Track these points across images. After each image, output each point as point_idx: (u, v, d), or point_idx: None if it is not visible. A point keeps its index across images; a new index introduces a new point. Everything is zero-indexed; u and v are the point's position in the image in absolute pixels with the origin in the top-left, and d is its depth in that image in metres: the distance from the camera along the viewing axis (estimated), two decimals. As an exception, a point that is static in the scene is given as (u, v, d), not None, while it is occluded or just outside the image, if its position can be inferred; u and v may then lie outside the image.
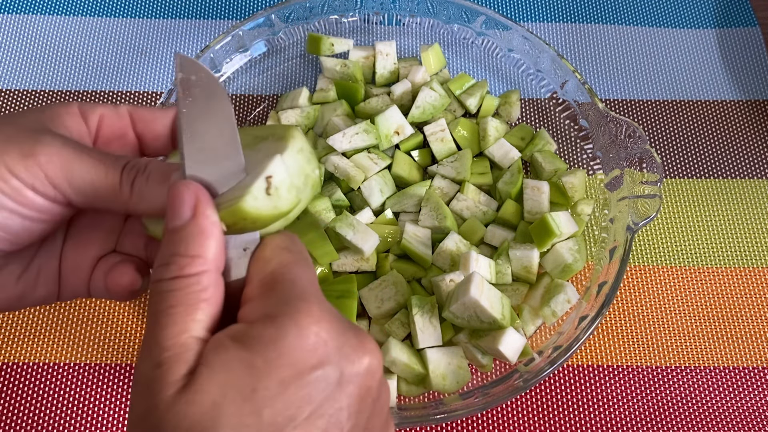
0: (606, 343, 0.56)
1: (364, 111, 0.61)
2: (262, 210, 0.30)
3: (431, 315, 0.51)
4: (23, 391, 0.53)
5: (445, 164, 0.59)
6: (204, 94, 0.34)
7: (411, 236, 0.54)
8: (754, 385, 0.55)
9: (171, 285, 0.28)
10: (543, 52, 0.62)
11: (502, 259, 0.54)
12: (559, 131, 0.64)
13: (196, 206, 0.29)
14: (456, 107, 0.63)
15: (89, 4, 0.70)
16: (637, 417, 0.53)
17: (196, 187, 0.30)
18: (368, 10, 0.66)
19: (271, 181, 0.30)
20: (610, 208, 0.57)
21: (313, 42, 0.64)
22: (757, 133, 0.66)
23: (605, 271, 0.53)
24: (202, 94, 0.33)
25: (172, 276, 0.28)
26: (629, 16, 0.72)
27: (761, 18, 0.72)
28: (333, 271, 0.54)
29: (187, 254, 0.29)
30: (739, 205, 0.62)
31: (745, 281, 0.59)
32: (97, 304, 0.56)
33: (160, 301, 0.28)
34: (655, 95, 0.68)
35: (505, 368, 0.52)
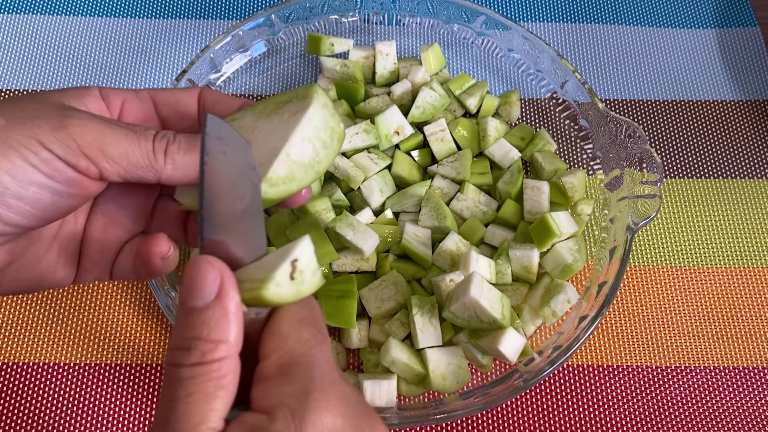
0: (606, 343, 0.56)
1: (364, 111, 0.61)
2: (284, 296, 0.29)
3: (431, 315, 0.51)
4: (23, 391, 0.53)
5: (445, 164, 0.59)
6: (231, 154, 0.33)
7: (411, 236, 0.54)
8: (754, 385, 0.55)
9: (191, 372, 0.27)
10: (543, 52, 0.62)
11: (502, 259, 0.54)
12: (559, 131, 0.64)
13: (221, 287, 0.28)
14: (456, 107, 0.63)
15: (89, 4, 0.70)
16: (637, 417, 0.53)
17: (221, 265, 0.28)
18: (368, 10, 0.66)
19: (296, 265, 0.29)
20: (610, 208, 0.57)
21: (313, 42, 0.64)
22: (757, 133, 0.66)
23: (605, 271, 0.53)
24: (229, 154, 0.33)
25: (193, 362, 0.27)
26: (629, 16, 0.72)
27: (761, 18, 0.72)
28: (333, 271, 0.54)
29: (210, 339, 0.27)
30: (739, 205, 0.62)
31: (745, 281, 0.59)
32: (97, 304, 0.56)
33: (178, 388, 0.27)
34: (655, 95, 0.68)
35: (505, 368, 0.52)
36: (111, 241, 0.37)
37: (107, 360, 0.54)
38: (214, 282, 0.28)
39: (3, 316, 0.55)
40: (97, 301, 0.56)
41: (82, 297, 0.56)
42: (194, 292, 0.27)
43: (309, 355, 0.28)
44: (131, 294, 0.57)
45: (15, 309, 0.56)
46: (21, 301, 0.56)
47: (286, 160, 0.35)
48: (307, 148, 0.36)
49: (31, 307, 0.56)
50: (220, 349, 0.27)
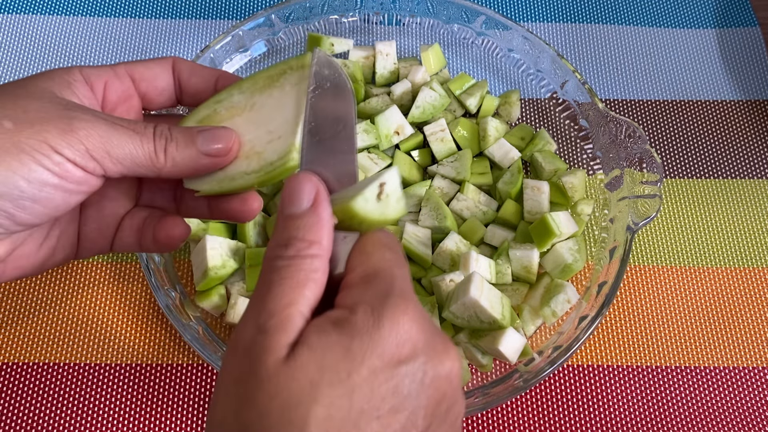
0: (606, 343, 0.56)
1: (364, 111, 0.61)
2: (370, 213, 0.32)
3: (431, 315, 0.51)
4: (23, 391, 0.53)
5: (445, 164, 0.59)
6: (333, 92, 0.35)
7: (411, 236, 0.54)
8: (754, 385, 0.55)
9: (287, 262, 0.30)
10: (543, 52, 0.62)
11: (502, 259, 0.54)
12: (559, 131, 0.64)
13: (316, 197, 0.31)
14: (456, 107, 0.63)
15: (89, 4, 0.70)
16: (637, 417, 0.53)
17: (317, 180, 0.31)
18: (368, 10, 0.66)
19: (383, 188, 0.32)
20: (610, 208, 0.57)
21: (313, 42, 0.64)
22: (757, 133, 0.66)
23: (605, 271, 0.53)
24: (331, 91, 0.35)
25: (290, 255, 0.30)
26: (629, 16, 0.72)
27: (761, 18, 0.72)
28: (333, 271, 0.54)
29: (305, 239, 0.30)
30: (739, 205, 0.62)
31: (745, 281, 0.59)
32: (97, 304, 0.56)
33: (274, 272, 0.29)
34: (655, 95, 0.68)
35: (505, 368, 0.52)
36: (108, 219, 0.39)
37: (107, 360, 0.54)
38: (310, 192, 0.31)
39: (3, 316, 0.55)
40: (97, 301, 0.56)
41: (83, 297, 0.56)
42: (293, 201, 0.31)
43: (391, 269, 0.30)
44: (131, 294, 0.57)
45: (15, 309, 0.56)
46: (21, 301, 0.56)
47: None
48: None
49: (31, 307, 0.56)
50: (313, 247, 0.30)
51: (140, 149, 0.34)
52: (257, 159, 0.36)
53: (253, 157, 0.36)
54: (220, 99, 0.38)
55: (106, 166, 0.34)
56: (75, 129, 0.32)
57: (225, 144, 0.36)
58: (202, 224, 0.55)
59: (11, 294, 0.56)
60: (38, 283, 0.57)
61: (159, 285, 0.50)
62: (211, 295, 0.53)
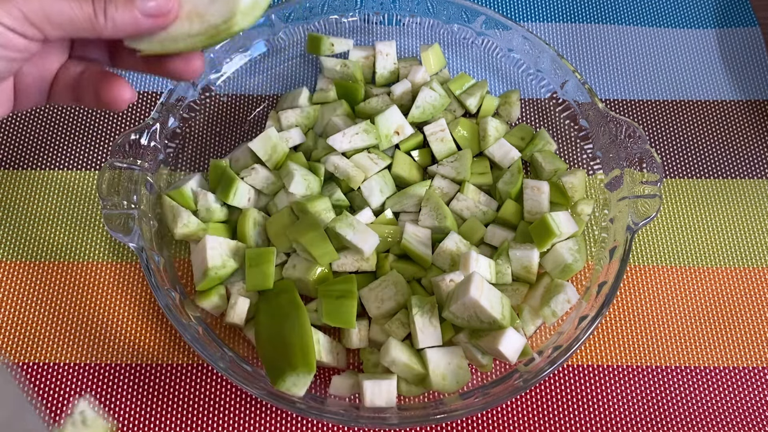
0: (606, 343, 0.56)
1: (364, 111, 0.61)
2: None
3: (431, 315, 0.51)
4: (23, 391, 0.53)
5: (445, 164, 0.59)
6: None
7: (411, 236, 0.54)
8: (754, 385, 0.55)
9: None
10: (543, 52, 0.62)
11: (502, 259, 0.54)
12: (559, 131, 0.64)
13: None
14: (456, 107, 0.63)
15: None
16: (637, 417, 0.53)
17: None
18: (368, 10, 0.66)
19: None
20: (610, 208, 0.57)
21: (313, 42, 0.64)
22: (757, 133, 0.66)
23: (605, 271, 0.53)
24: None
25: None
26: (629, 16, 0.72)
27: (761, 18, 0.72)
28: (333, 271, 0.54)
29: None
30: (739, 205, 0.62)
31: (745, 281, 0.59)
32: (97, 304, 0.56)
33: None
34: (655, 95, 0.68)
35: (505, 368, 0.52)
36: (43, 72, 0.40)
37: (107, 360, 0.54)
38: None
39: (3, 316, 0.56)
40: (97, 301, 0.56)
41: (83, 297, 0.56)
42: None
43: None
44: (131, 294, 0.57)
45: (15, 309, 0.56)
46: (21, 301, 0.56)
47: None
48: None
49: (31, 307, 0.56)
50: None
51: (79, 12, 0.34)
52: (200, 21, 0.36)
53: (195, 19, 0.36)
54: None
55: (46, 31, 0.34)
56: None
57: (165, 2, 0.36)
58: (202, 224, 0.55)
59: (11, 294, 0.56)
60: (38, 283, 0.57)
61: (159, 285, 0.50)
62: (211, 295, 0.53)
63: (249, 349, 0.54)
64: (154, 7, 0.35)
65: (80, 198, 0.61)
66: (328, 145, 0.57)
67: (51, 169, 0.62)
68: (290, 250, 0.54)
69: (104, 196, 0.52)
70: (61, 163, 0.62)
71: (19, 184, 0.61)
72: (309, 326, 0.49)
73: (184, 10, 0.36)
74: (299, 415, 0.51)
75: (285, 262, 0.55)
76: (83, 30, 0.35)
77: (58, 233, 0.59)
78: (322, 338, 0.51)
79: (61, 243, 0.59)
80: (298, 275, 0.53)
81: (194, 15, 0.36)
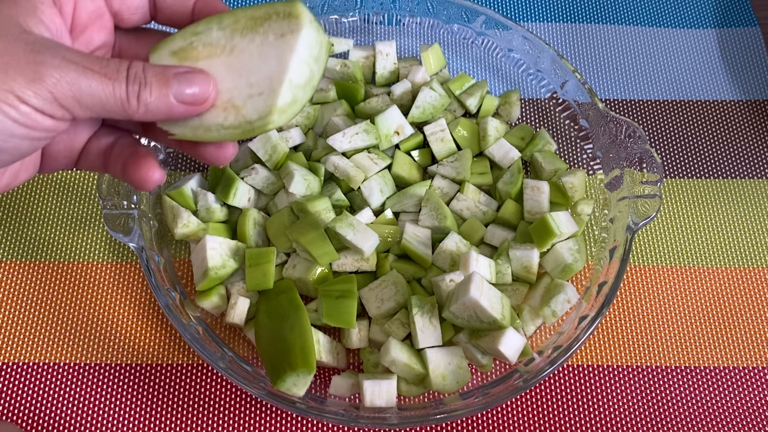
0: (606, 343, 0.56)
1: (364, 111, 0.61)
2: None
3: (431, 315, 0.51)
4: (23, 391, 0.53)
5: (445, 164, 0.59)
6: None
7: (411, 236, 0.54)
8: (754, 385, 0.55)
9: None
10: (543, 52, 0.62)
11: (502, 259, 0.54)
12: (559, 131, 0.64)
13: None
14: (456, 107, 0.63)
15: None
16: (637, 417, 0.53)
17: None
18: (368, 10, 0.66)
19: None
20: (610, 208, 0.57)
21: (313, 42, 0.64)
22: (757, 133, 0.66)
23: (605, 271, 0.53)
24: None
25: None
26: (629, 16, 0.72)
27: (761, 18, 0.72)
28: (333, 271, 0.54)
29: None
30: (739, 205, 0.62)
31: (745, 281, 0.59)
32: (97, 304, 0.56)
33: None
34: (655, 95, 0.68)
35: (505, 368, 0.52)
36: (74, 142, 0.38)
37: (107, 360, 0.54)
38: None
39: (3, 316, 0.56)
40: (97, 301, 0.56)
41: (82, 297, 0.56)
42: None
43: None
44: (131, 294, 0.57)
45: (15, 309, 0.56)
46: (21, 301, 0.56)
47: (289, 87, 0.35)
48: (304, 69, 0.35)
49: (31, 307, 0.56)
50: None
51: (111, 96, 0.33)
52: (235, 114, 0.35)
53: (231, 111, 0.35)
54: (198, 31, 0.36)
55: (75, 112, 0.33)
56: (43, 77, 0.31)
57: (202, 91, 0.35)
58: (202, 224, 0.55)
59: (11, 294, 0.56)
60: (38, 283, 0.57)
61: (159, 285, 0.50)
62: (211, 295, 0.53)
63: (249, 349, 0.54)
64: (189, 96, 0.34)
65: (80, 198, 0.61)
66: (328, 145, 0.57)
67: (51, 169, 0.62)
68: (290, 250, 0.54)
69: (104, 196, 0.52)
70: (61, 163, 0.62)
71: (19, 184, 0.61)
72: (309, 326, 0.49)
73: (221, 101, 0.35)
74: (299, 415, 0.51)
75: (285, 262, 0.55)
76: (114, 113, 0.33)
77: (58, 233, 0.59)
78: (322, 338, 0.51)
79: (61, 243, 0.59)
80: (298, 275, 0.53)
81: (230, 107, 0.35)
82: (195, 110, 0.35)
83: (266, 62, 0.35)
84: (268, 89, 0.34)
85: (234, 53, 0.35)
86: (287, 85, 0.34)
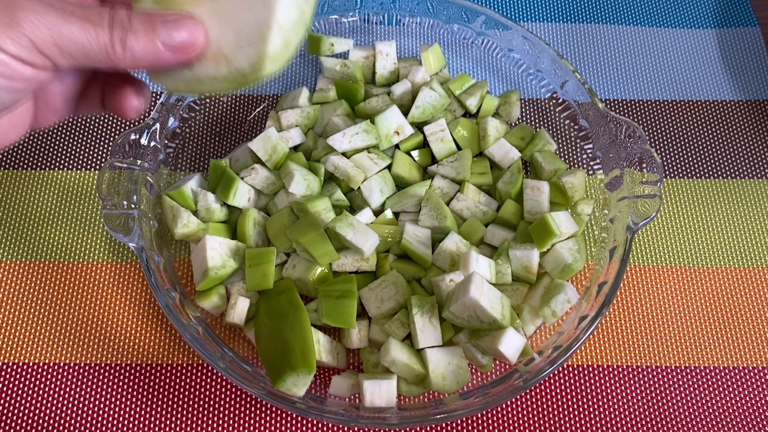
0: (606, 343, 0.56)
1: (364, 111, 0.61)
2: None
3: (431, 315, 0.51)
4: (23, 391, 0.53)
5: (445, 164, 0.59)
6: None
7: (411, 236, 0.54)
8: (754, 385, 0.55)
9: None
10: (543, 52, 0.62)
11: (502, 259, 0.54)
12: (559, 131, 0.64)
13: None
14: (456, 107, 0.63)
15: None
16: (637, 417, 0.53)
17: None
18: (368, 10, 0.66)
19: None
20: (610, 208, 0.57)
21: (313, 42, 0.64)
22: (757, 133, 0.66)
23: (605, 271, 0.53)
24: None
25: None
26: (629, 16, 0.72)
27: (761, 18, 0.72)
28: (333, 271, 0.54)
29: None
30: (739, 205, 0.62)
31: (745, 281, 0.59)
32: (97, 304, 0.56)
33: None
34: (655, 95, 0.68)
35: (505, 368, 0.52)
36: (70, 89, 0.37)
37: (107, 360, 0.54)
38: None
39: (3, 316, 0.56)
40: (97, 301, 0.56)
41: (82, 297, 0.56)
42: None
43: None
44: (131, 294, 0.57)
45: (15, 309, 0.56)
46: (21, 301, 0.56)
47: (279, 31, 0.33)
48: (293, 9, 0.33)
49: (31, 307, 0.56)
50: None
51: (95, 42, 0.31)
52: (226, 64, 0.34)
53: (222, 62, 0.34)
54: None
55: (57, 60, 0.31)
56: (20, 21, 0.29)
57: (190, 36, 0.33)
58: (202, 224, 0.55)
59: (11, 294, 0.56)
60: (38, 283, 0.57)
61: (159, 285, 0.50)
62: (211, 295, 0.53)
63: (249, 349, 0.54)
64: (178, 42, 0.32)
65: (80, 198, 0.61)
66: (328, 145, 0.57)
67: (51, 169, 0.62)
68: (290, 250, 0.54)
69: (104, 196, 0.52)
70: (61, 163, 0.62)
71: (19, 184, 0.61)
72: (309, 326, 0.49)
73: (210, 51, 0.34)
74: (299, 415, 0.51)
75: (285, 262, 0.55)
76: (97, 60, 0.32)
77: (58, 233, 0.59)
78: (322, 338, 0.51)
79: (61, 243, 0.59)
80: (298, 275, 0.53)
81: (221, 57, 0.34)
82: (183, 57, 0.33)
83: (252, 7, 0.33)
84: (257, 36, 0.33)
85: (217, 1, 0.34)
86: (276, 30, 0.33)
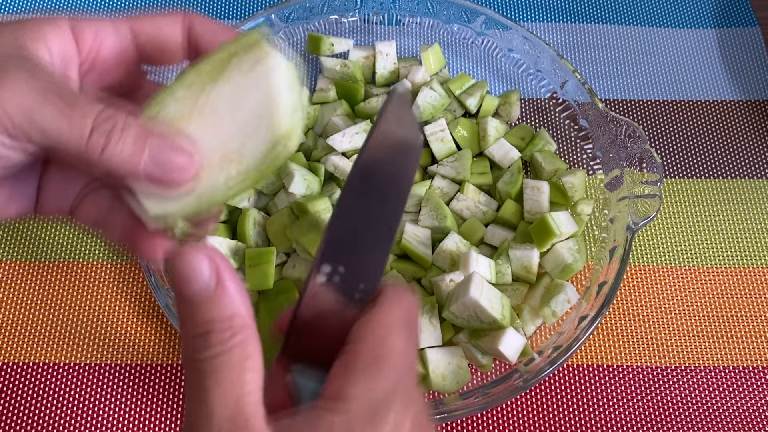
0: (606, 343, 0.56)
1: (364, 111, 0.61)
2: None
3: (431, 315, 0.51)
4: (23, 391, 0.53)
5: (445, 164, 0.59)
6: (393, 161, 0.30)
7: (411, 236, 0.54)
8: (754, 385, 0.55)
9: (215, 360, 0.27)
10: (543, 52, 0.62)
11: (502, 259, 0.54)
12: (559, 131, 0.64)
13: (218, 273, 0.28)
14: (456, 107, 0.63)
15: (89, 5, 0.70)
16: (637, 417, 0.53)
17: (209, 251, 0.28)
18: (368, 10, 0.66)
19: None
20: (610, 208, 0.57)
21: (313, 42, 0.64)
22: (757, 133, 0.66)
23: (605, 271, 0.53)
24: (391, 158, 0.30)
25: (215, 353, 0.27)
26: (629, 16, 0.72)
27: (761, 18, 0.72)
28: (333, 271, 0.54)
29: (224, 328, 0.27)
30: (739, 205, 0.62)
31: (745, 281, 0.59)
32: (97, 304, 0.56)
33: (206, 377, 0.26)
34: (655, 95, 0.68)
35: (505, 368, 0.52)
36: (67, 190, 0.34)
37: (107, 360, 0.54)
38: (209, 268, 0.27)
39: (3, 316, 0.55)
40: (97, 301, 0.56)
41: (83, 297, 0.56)
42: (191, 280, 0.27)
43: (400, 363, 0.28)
44: (131, 294, 0.57)
45: (15, 309, 0.56)
46: (21, 301, 0.56)
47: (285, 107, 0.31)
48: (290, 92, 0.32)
49: (31, 307, 0.56)
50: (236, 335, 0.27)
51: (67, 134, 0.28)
52: (237, 162, 0.31)
53: (231, 164, 0.31)
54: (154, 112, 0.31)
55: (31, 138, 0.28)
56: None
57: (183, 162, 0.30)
58: (202, 224, 0.55)
59: (11, 294, 0.56)
60: (38, 283, 0.57)
61: (159, 285, 0.50)
62: (211, 295, 0.53)
63: (249, 349, 0.54)
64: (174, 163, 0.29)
65: (80, 198, 0.61)
66: (328, 145, 0.57)
67: (51, 169, 0.62)
68: (290, 250, 0.54)
69: (104, 196, 0.52)
70: (61, 163, 0.62)
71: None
72: (309, 326, 0.49)
73: (212, 163, 0.31)
74: (299, 415, 0.51)
75: (285, 262, 0.55)
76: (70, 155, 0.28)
77: (58, 233, 0.59)
78: (322, 338, 0.51)
79: (61, 243, 0.59)
80: (298, 275, 0.53)
81: (226, 161, 0.31)
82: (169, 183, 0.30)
83: (245, 101, 0.31)
84: (261, 122, 0.31)
85: (204, 113, 0.31)
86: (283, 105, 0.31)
